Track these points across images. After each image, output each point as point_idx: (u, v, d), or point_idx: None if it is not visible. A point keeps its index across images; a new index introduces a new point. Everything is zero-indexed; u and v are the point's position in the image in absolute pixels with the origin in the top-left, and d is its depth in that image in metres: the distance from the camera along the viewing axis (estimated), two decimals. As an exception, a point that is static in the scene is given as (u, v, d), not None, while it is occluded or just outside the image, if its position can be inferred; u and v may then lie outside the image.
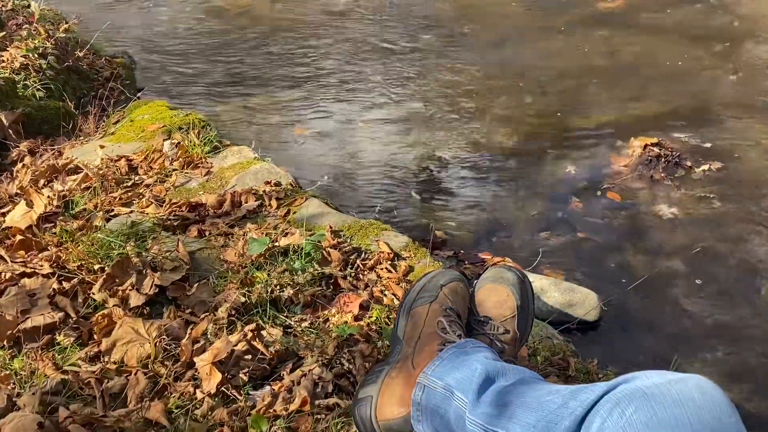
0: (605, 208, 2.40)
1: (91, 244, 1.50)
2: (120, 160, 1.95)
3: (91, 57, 2.97)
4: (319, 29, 4.23)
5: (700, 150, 2.73)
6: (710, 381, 0.65)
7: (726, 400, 0.64)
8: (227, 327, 1.29)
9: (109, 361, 1.23)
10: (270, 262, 1.48)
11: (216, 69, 3.62)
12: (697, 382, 0.65)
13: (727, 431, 0.61)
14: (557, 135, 2.90)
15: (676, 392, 0.63)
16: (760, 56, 3.66)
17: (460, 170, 2.67)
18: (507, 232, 2.30)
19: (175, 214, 1.69)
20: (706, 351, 1.78)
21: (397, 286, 1.46)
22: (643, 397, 0.63)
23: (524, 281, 1.16)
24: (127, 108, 2.44)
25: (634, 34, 4.03)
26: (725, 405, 0.63)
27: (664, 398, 0.63)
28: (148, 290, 1.37)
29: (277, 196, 1.78)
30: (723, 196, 2.43)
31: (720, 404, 0.63)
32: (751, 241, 2.20)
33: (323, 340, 1.27)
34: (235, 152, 2.04)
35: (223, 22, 4.35)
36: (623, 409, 0.64)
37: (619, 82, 3.39)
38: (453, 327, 1.03)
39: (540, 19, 4.34)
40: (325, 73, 3.57)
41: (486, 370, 0.87)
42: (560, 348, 1.37)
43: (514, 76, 3.50)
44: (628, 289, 1.99)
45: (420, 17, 4.45)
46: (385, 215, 2.33)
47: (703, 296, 1.97)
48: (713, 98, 3.20)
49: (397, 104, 3.22)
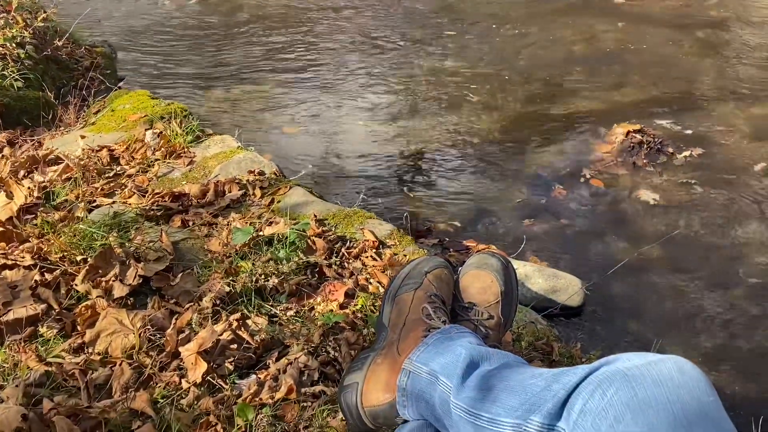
0: (588, 194, 2.42)
1: (73, 235, 1.48)
2: (101, 151, 1.93)
3: (71, 46, 2.93)
4: (303, 19, 4.20)
5: (682, 136, 2.76)
6: (689, 361, 0.66)
7: (704, 379, 0.65)
8: (212, 317, 1.28)
9: (93, 352, 1.22)
10: (254, 252, 1.47)
11: (199, 58, 3.59)
12: (676, 362, 0.66)
13: (705, 410, 0.62)
14: (541, 122, 2.92)
15: (656, 373, 0.64)
16: (741, 43, 3.70)
17: (445, 158, 2.67)
18: (491, 220, 2.31)
19: (158, 204, 1.67)
20: (688, 334, 1.81)
21: (382, 273, 1.46)
22: (623, 378, 0.64)
23: (508, 267, 1.17)
24: (107, 98, 2.41)
25: (616, 22, 4.05)
26: (704, 384, 0.64)
27: (644, 379, 0.64)
28: (132, 281, 1.37)
29: (261, 185, 1.78)
30: (704, 181, 2.46)
31: (699, 383, 0.64)
32: (731, 226, 2.23)
33: (309, 329, 1.27)
34: (218, 141, 2.03)
35: (205, 11, 4.30)
36: (604, 390, 0.64)
37: (601, 70, 3.41)
38: (438, 313, 1.04)
39: (524, 7, 4.35)
40: (310, 63, 3.55)
41: (470, 355, 0.87)
42: (544, 333, 1.39)
43: (498, 64, 3.50)
44: (610, 274, 2.01)
45: (405, 7, 4.44)
46: (369, 203, 2.33)
47: (684, 280, 2.00)
48: (695, 85, 3.23)
49: (381, 93, 3.21)
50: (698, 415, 0.61)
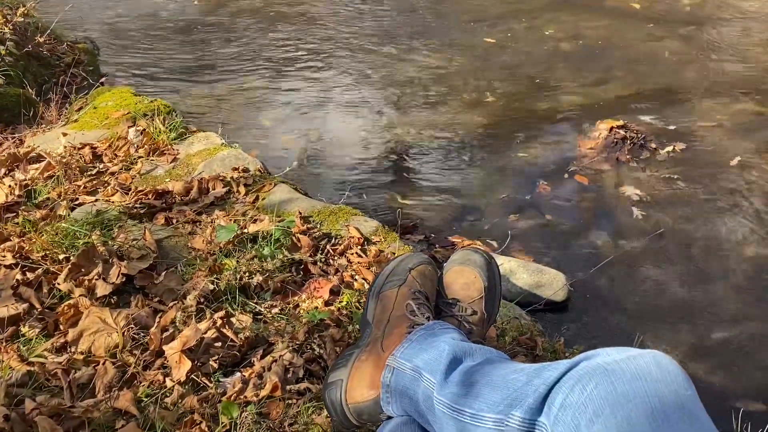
0: (572, 190, 2.44)
1: (55, 234, 1.47)
2: (84, 148, 1.91)
3: (53, 42, 2.89)
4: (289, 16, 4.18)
5: (665, 132, 2.78)
6: (667, 356, 0.67)
7: (682, 373, 0.66)
8: (196, 315, 1.28)
9: (75, 351, 1.21)
10: (239, 249, 1.47)
11: (183, 54, 3.56)
12: (655, 357, 0.67)
13: (683, 403, 0.63)
14: (525, 119, 2.93)
15: (635, 367, 0.65)
16: (723, 40, 3.73)
17: (430, 155, 2.68)
18: (477, 216, 2.32)
19: (141, 202, 1.66)
20: (671, 328, 1.83)
21: (368, 270, 1.47)
22: (603, 373, 0.65)
23: (491, 263, 1.17)
24: (90, 95, 2.39)
25: (600, 18, 4.07)
26: (681, 378, 0.65)
27: (623, 373, 0.64)
28: (115, 279, 1.36)
29: (246, 182, 1.77)
30: (687, 176, 2.48)
31: (676, 377, 0.65)
32: (713, 220, 2.25)
33: (294, 326, 1.27)
34: (202, 138, 2.02)
35: (190, 7, 4.27)
36: (584, 385, 0.65)
37: (585, 66, 3.43)
38: (421, 309, 1.04)
39: (508, 4, 4.36)
40: (295, 59, 3.54)
41: (453, 351, 0.88)
42: (528, 328, 1.40)
43: (482, 60, 3.51)
44: (594, 270, 2.03)
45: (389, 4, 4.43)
46: (355, 200, 2.33)
47: (667, 275, 2.02)
48: (677, 81, 3.26)
49: (366, 90, 3.21)
50: (676, 408, 0.62)
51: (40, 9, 3.09)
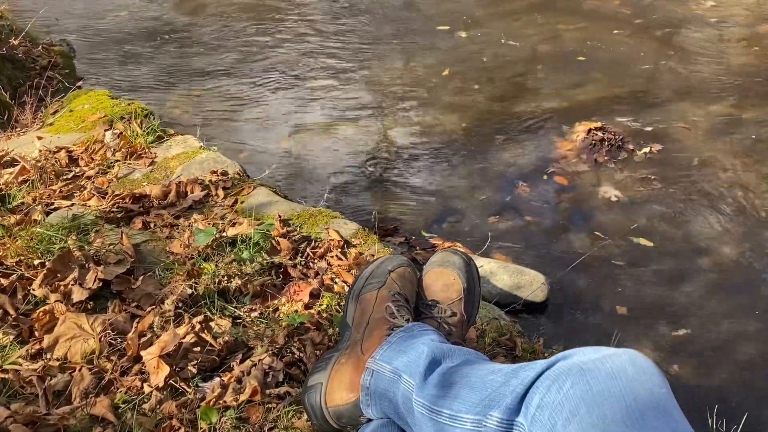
0: (552, 191, 2.46)
1: (30, 239, 1.45)
2: (59, 152, 1.89)
3: (28, 45, 2.86)
4: (268, 18, 4.17)
5: (642, 133, 2.81)
6: (642, 355, 0.68)
7: (657, 372, 0.67)
8: (174, 319, 1.27)
9: (51, 358, 1.19)
10: (217, 253, 1.46)
11: (160, 57, 3.53)
12: (630, 355, 0.68)
13: (657, 401, 0.64)
14: (504, 121, 2.95)
15: (610, 366, 0.66)
16: (698, 42, 3.79)
17: (410, 157, 2.68)
18: (457, 217, 2.33)
19: (118, 206, 1.65)
20: (649, 327, 1.85)
21: (348, 273, 1.46)
22: (579, 372, 0.66)
23: (470, 264, 1.18)
24: (66, 98, 2.36)
25: (578, 21, 4.11)
26: (656, 377, 0.66)
27: (599, 372, 0.65)
28: (92, 284, 1.34)
29: (224, 185, 1.76)
30: (663, 177, 2.51)
31: (651, 376, 0.66)
32: (690, 220, 2.28)
33: (273, 330, 1.27)
34: (180, 141, 2.00)
35: (167, 9, 4.24)
36: (561, 384, 0.66)
37: (563, 68, 3.46)
38: (401, 311, 1.04)
39: (487, 6, 4.38)
40: (275, 61, 3.53)
41: (432, 352, 0.88)
42: (507, 329, 1.40)
43: (461, 62, 3.52)
44: (574, 269, 2.05)
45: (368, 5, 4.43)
46: (335, 203, 2.33)
47: (645, 274, 2.04)
48: (653, 83, 3.30)
49: (345, 92, 3.21)
50: (650, 406, 0.63)
51: (15, 11, 3.05)
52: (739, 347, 1.77)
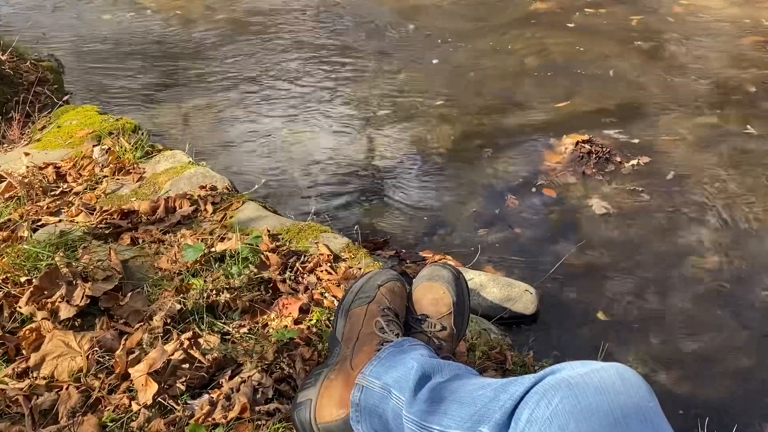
0: (540, 203, 2.47)
1: (16, 256, 1.44)
2: (47, 168, 1.88)
3: (15, 60, 2.85)
4: (257, 32, 4.18)
5: (629, 145, 2.84)
6: (630, 368, 0.68)
7: (645, 385, 0.67)
8: (163, 336, 1.26)
9: (38, 376, 1.18)
10: (206, 269, 1.45)
11: (149, 71, 3.53)
12: (617, 369, 0.68)
13: (645, 414, 0.64)
14: (492, 134, 2.96)
15: (598, 380, 0.66)
16: (683, 55, 3.83)
17: (399, 170, 2.69)
18: (447, 230, 2.33)
19: (106, 222, 1.64)
20: (638, 339, 1.85)
21: (337, 287, 1.46)
22: (567, 387, 0.66)
23: (459, 278, 1.18)
24: (54, 113, 2.35)
25: (564, 35, 4.15)
26: (644, 390, 0.66)
27: (587, 387, 0.65)
28: (79, 301, 1.33)
29: (213, 200, 1.76)
30: (651, 189, 2.53)
31: (639, 390, 0.66)
32: (677, 232, 2.30)
33: (262, 346, 1.26)
34: (169, 157, 2.00)
35: (156, 24, 4.24)
36: (550, 399, 0.66)
37: (550, 82, 3.49)
38: (391, 326, 1.04)
39: (475, 21, 4.42)
40: (263, 75, 3.54)
41: (422, 368, 0.88)
42: (497, 342, 1.40)
43: (449, 76, 3.55)
44: (563, 281, 2.06)
45: (356, 18, 4.46)
46: (324, 217, 2.33)
47: (634, 286, 2.05)
48: (641, 95, 3.33)
49: (335, 106, 3.22)
50: (638, 419, 0.63)
51: (2, 26, 3.04)
52: (728, 358, 1.78)
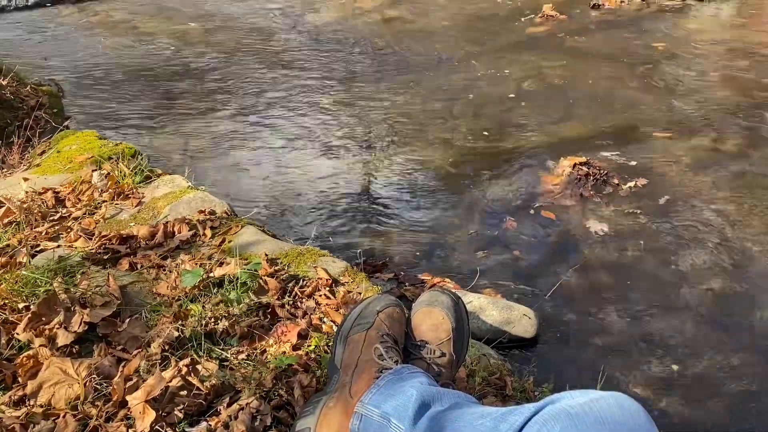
0: (539, 226, 2.47)
1: (15, 282, 1.43)
2: (46, 193, 1.88)
3: (15, 85, 2.87)
4: (254, 56, 4.22)
5: (626, 168, 2.85)
6: (629, 398, 0.68)
7: (644, 414, 0.67)
8: (161, 363, 1.25)
9: (35, 404, 1.17)
10: (204, 294, 1.45)
11: (148, 96, 3.56)
12: (617, 398, 0.68)
13: (645, 445, 0.64)
14: (490, 156, 2.98)
15: (598, 410, 0.66)
16: (678, 77, 3.87)
17: (398, 193, 2.70)
18: (446, 252, 2.34)
19: (105, 247, 1.64)
20: (637, 361, 1.85)
21: (336, 312, 1.46)
22: (567, 416, 0.66)
23: (458, 303, 1.18)
24: (53, 138, 2.36)
25: (560, 58, 4.19)
26: (643, 419, 0.66)
27: (587, 416, 0.65)
28: (77, 328, 1.32)
29: (212, 224, 1.76)
30: (649, 211, 2.54)
31: (638, 419, 0.66)
32: (676, 253, 2.30)
33: (261, 372, 1.25)
34: (168, 181, 2.00)
35: (154, 49, 4.28)
36: (549, 429, 0.66)
37: (547, 104, 3.51)
38: (390, 353, 1.04)
39: (472, 44, 4.47)
40: (262, 99, 3.56)
41: (421, 396, 0.88)
42: (497, 368, 1.40)
43: (447, 99, 3.57)
44: (563, 304, 2.05)
45: (353, 42, 4.51)
46: (323, 240, 2.33)
47: (632, 308, 2.05)
48: (637, 118, 3.36)
49: (333, 130, 3.24)
50: (639, 450, 0.63)
51: (3, 52, 3.07)
52: (729, 382, 1.77)
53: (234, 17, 5.18)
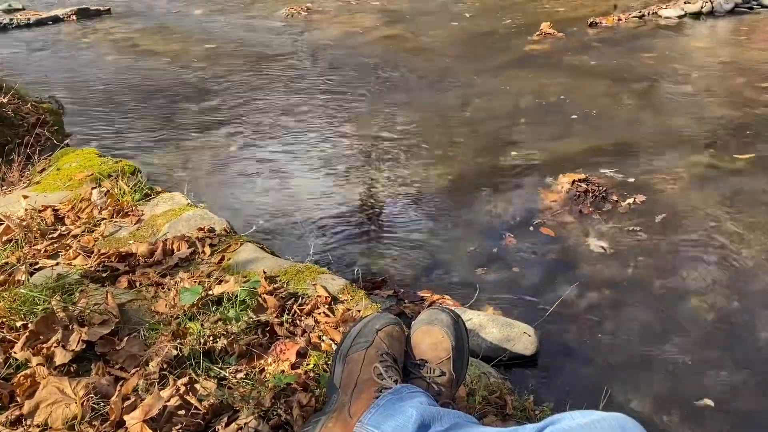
0: (538, 242, 2.47)
1: (12, 300, 1.43)
2: (45, 210, 1.88)
3: (16, 102, 2.88)
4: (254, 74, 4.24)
5: (625, 184, 2.86)
6: (631, 419, 0.68)
7: (646, 436, 0.67)
8: (159, 382, 1.24)
9: (31, 424, 1.16)
10: (203, 312, 1.44)
11: (148, 113, 3.57)
12: (618, 420, 0.67)
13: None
14: (490, 173, 2.99)
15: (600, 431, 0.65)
16: (676, 94, 3.89)
17: (397, 210, 2.70)
18: (445, 269, 2.33)
19: (103, 264, 1.63)
20: (639, 380, 1.84)
21: (335, 330, 1.45)
22: (568, 438, 0.65)
23: (458, 322, 1.17)
24: (53, 156, 2.36)
25: (558, 76, 4.22)
26: (645, 441, 0.66)
27: (588, 438, 0.65)
28: (75, 346, 1.32)
29: (211, 242, 1.75)
30: (648, 228, 2.54)
31: (640, 441, 0.65)
32: (676, 271, 2.30)
33: (259, 391, 1.24)
34: (167, 199, 2.00)
35: (154, 66, 4.31)
36: (550, 451, 0.65)
37: (545, 121, 3.53)
38: (389, 372, 1.03)
39: (471, 62, 4.50)
40: (262, 114, 3.58)
41: (421, 416, 0.87)
42: (497, 386, 1.39)
43: (446, 116, 3.59)
44: (563, 321, 2.04)
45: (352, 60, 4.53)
46: (323, 257, 2.33)
47: (634, 326, 2.04)
48: (634, 135, 3.37)
49: (333, 147, 3.25)
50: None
51: (4, 69, 3.08)
52: (731, 400, 1.76)
53: (234, 36, 5.22)
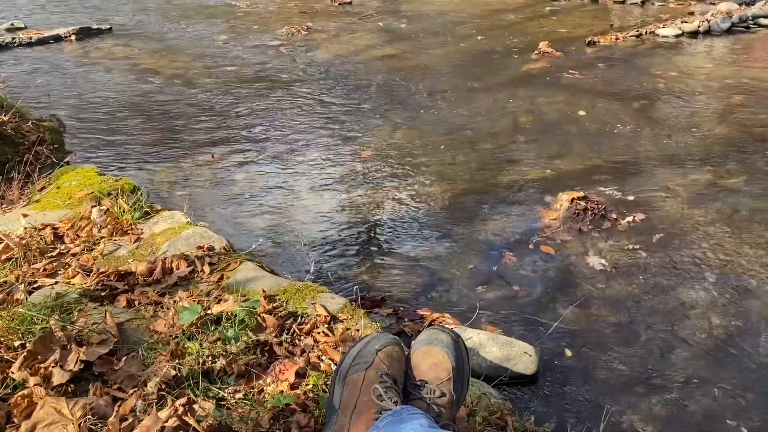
0: (538, 260, 2.47)
1: (11, 319, 1.42)
2: (45, 229, 1.88)
3: (17, 120, 2.89)
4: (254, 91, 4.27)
5: (624, 202, 2.86)
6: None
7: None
8: (157, 402, 1.24)
9: (28, 445, 1.15)
10: (202, 331, 1.44)
11: (148, 131, 3.58)
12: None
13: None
14: (489, 191, 2.99)
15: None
16: (674, 113, 3.91)
17: (397, 228, 2.70)
18: (445, 287, 2.33)
19: (102, 283, 1.63)
20: (639, 399, 1.82)
21: (335, 350, 1.44)
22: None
23: (458, 342, 1.17)
24: (54, 174, 2.37)
25: (556, 94, 4.24)
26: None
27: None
28: (73, 366, 1.31)
29: (210, 261, 1.75)
30: (647, 246, 2.54)
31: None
32: (675, 288, 2.29)
33: (258, 412, 1.23)
34: (167, 217, 2.00)
35: (155, 84, 4.33)
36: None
37: (544, 139, 3.54)
38: (389, 393, 1.03)
39: (470, 80, 4.52)
40: (261, 134, 3.59)
41: (421, 438, 0.87)
42: (498, 406, 1.38)
43: (445, 134, 3.60)
44: (563, 340, 2.04)
45: (353, 78, 4.56)
46: (322, 276, 2.32)
47: (634, 344, 2.03)
48: (633, 153, 3.38)
49: (332, 164, 3.26)
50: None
51: (5, 87, 3.10)
52: (732, 418, 1.75)
53: (234, 55, 5.26)
